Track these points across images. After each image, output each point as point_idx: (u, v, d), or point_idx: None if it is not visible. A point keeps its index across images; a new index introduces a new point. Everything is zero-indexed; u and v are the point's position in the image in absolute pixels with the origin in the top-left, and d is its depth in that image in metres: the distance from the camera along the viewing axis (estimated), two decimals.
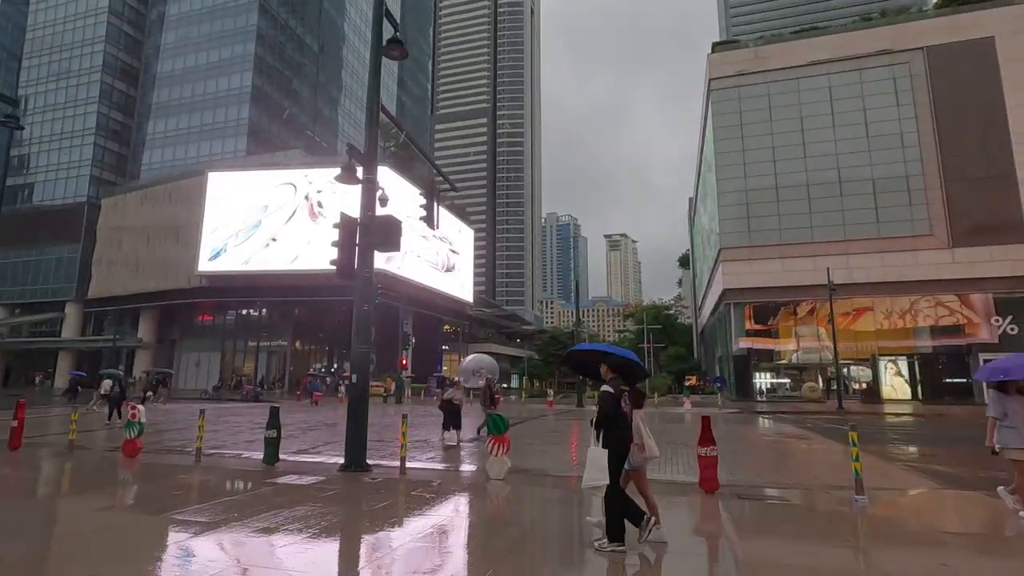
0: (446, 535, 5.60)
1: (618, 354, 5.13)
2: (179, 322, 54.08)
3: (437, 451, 12.04)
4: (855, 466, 6.95)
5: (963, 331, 32.85)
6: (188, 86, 61.89)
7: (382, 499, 7.06)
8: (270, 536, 5.25)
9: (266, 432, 9.54)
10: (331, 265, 9.38)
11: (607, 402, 4.74)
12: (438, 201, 13.76)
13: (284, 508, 6.32)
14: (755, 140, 37.63)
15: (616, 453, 4.72)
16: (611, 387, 4.81)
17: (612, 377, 4.91)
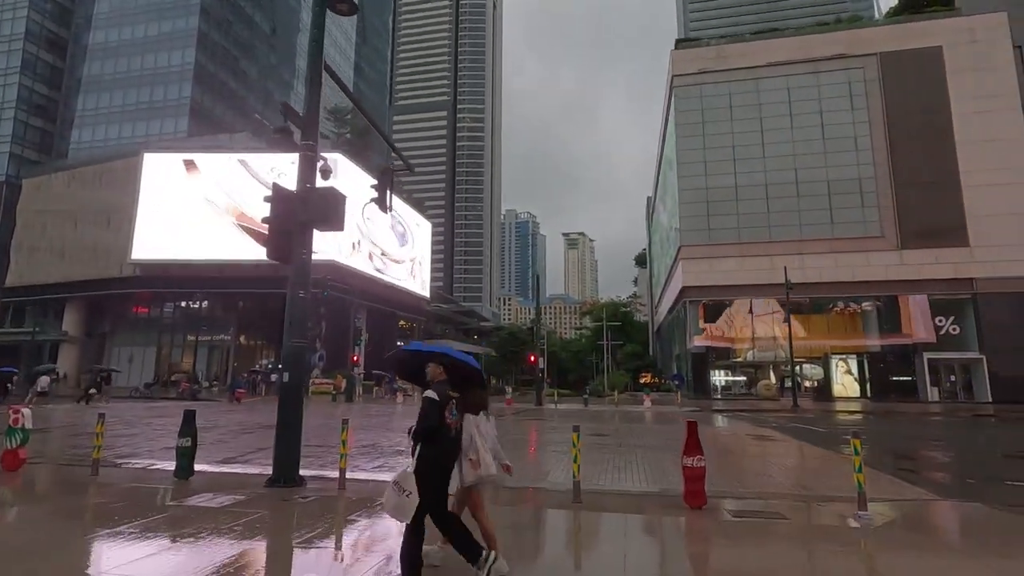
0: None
1: (451, 355, 4.33)
2: (110, 314, 50.15)
3: (388, 458, 10.78)
4: (858, 478, 6.19)
5: (908, 331, 33.83)
6: (124, 60, 57.45)
7: (310, 527, 5.80)
8: None
9: (178, 440, 8.08)
10: (261, 244, 7.99)
11: (428, 411, 3.89)
12: (392, 183, 12.51)
13: (176, 544, 5.01)
14: (716, 139, 37.72)
15: (431, 472, 3.83)
16: (435, 392, 3.98)
17: (440, 381, 4.15)
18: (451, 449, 4.05)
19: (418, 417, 3.93)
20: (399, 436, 14.30)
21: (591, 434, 14.91)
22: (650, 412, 25.93)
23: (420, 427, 3.88)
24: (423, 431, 3.87)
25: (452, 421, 4.02)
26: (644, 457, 11.01)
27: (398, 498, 3.69)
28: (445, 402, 3.97)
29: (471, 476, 4.17)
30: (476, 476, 4.17)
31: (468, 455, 4.16)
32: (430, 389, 4.03)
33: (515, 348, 78.22)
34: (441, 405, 3.93)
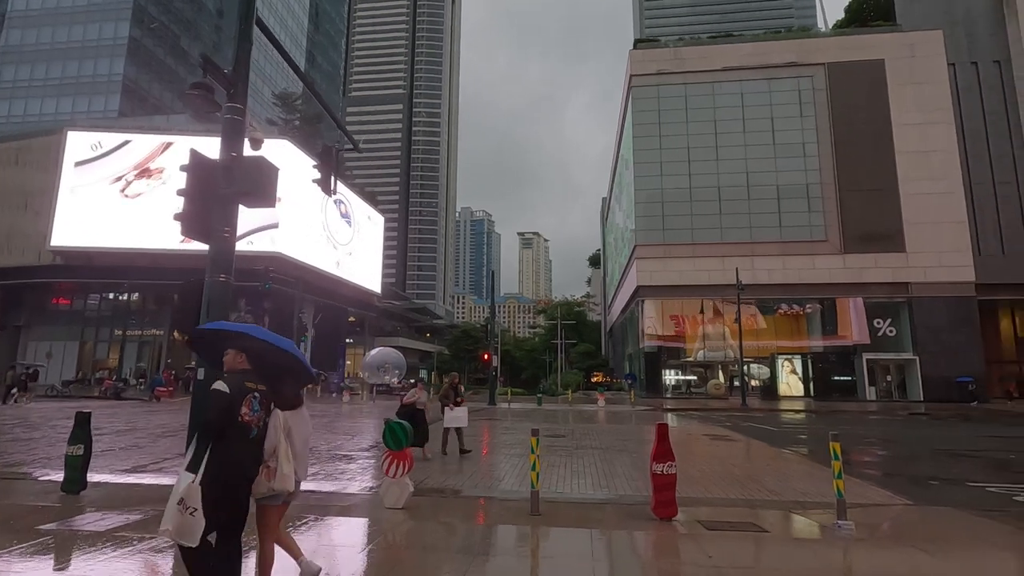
0: None
1: (261, 338, 3.44)
2: (26, 305, 45.93)
3: (325, 463, 9.75)
4: (838, 485, 5.73)
5: (848, 333, 35.06)
6: (48, 30, 52.81)
7: None
8: None
9: (68, 448, 6.84)
10: (175, 220, 6.86)
11: (215, 406, 3.09)
12: (336, 163, 11.47)
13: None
14: (672, 140, 38.01)
15: (214, 485, 2.96)
16: (227, 384, 3.16)
17: (241, 370, 3.33)
18: (246, 454, 3.17)
19: None
20: (341, 439, 13.23)
21: (547, 435, 14.28)
22: (603, 411, 25.64)
23: (203, 427, 3.07)
24: (206, 431, 3.04)
25: (252, 418, 3.18)
26: (603, 459, 10.43)
27: (181, 517, 2.83)
28: (240, 396, 3.14)
29: (262, 487, 3.33)
30: (268, 488, 3.33)
31: (267, 461, 3.34)
32: (220, 380, 3.20)
33: (468, 346, 77.27)
34: (230, 399, 3.09)
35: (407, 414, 10.17)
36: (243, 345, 3.39)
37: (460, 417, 10.91)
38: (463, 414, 11.02)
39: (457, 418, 10.86)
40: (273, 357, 3.43)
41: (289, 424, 3.52)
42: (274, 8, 75.99)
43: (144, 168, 41.58)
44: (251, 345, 3.39)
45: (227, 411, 3.06)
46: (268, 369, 3.40)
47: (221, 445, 3.04)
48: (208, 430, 3.04)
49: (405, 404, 10.47)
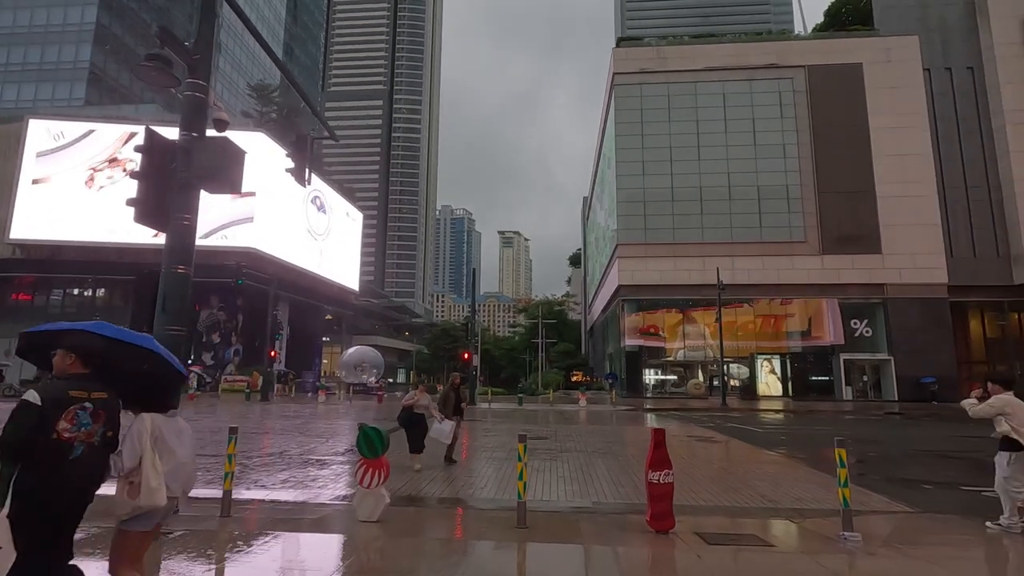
0: None
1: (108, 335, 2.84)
2: None
3: (296, 469, 9.16)
4: (843, 494, 5.40)
5: (825, 333, 35.42)
6: (9, 14, 50.57)
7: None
8: None
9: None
10: (128, 205, 6.24)
11: (17, 421, 2.51)
12: (311, 151, 10.87)
13: None
14: (654, 139, 37.93)
15: (25, 516, 2.43)
16: (41, 394, 2.57)
17: (70, 375, 2.75)
18: (64, 480, 2.56)
19: None
20: (314, 441, 12.62)
21: (529, 437, 13.84)
22: (585, 411, 25.34)
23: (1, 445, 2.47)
24: (3, 453, 2.45)
25: (74, 435, 2.59)
26: (588, 463, 10.04)
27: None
28: (58, 408, 2.56)
29: (125, 506, 2.80)
30: (133, 508, 2.79)
31: (129, 476, 2.80)
32: (33, 388, 2.61)
33: (448, 345, 76.60)
34: (44, 413, 2.52)
35: (406, 418, 9.48)
36: (73, 344, 2.78)
37: (444, 432, 9.33)
38: (448, 429, 9.37)
39: (440, 431, 9.32)
40: (122, 355, 2.84)
41: (160, 431, 2.93)
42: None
43: (111, 158, 40.01)
44: (85, 343, 2.79)
45: (36, 427, 2.48)
46: (118, 371, 2.82)
47: (31, 469, 2.47)
48: (5, 452, 2.45)
49: (404, 406, 9.60)
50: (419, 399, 9.50)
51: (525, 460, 5.67)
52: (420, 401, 9.51)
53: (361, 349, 44.97)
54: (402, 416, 9.52)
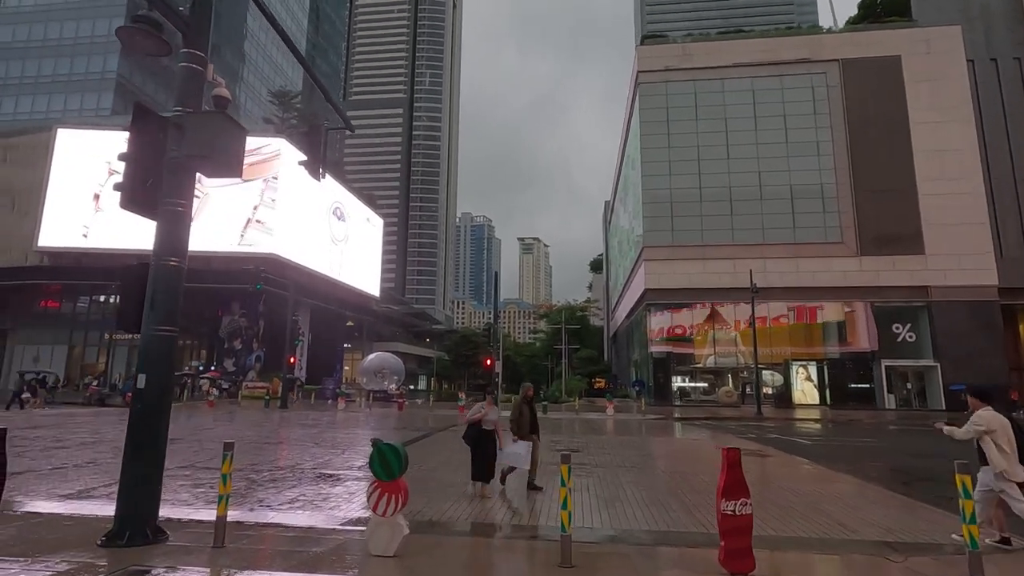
0: None
1: None
2: (12, 308, 44.49)
3: (308, 485, 8.33)
4: (969, 531, 4.34)
5: (865, 338, 33.68)
6: (40, 27, 51.70)
7: None
8: None
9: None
10: (115, 190, 5.52)
11: None
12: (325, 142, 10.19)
13: None
14: (680, 138, 36.80)
15: None
16: None
17: None
18: None
19: None
20: (329, 453, 11.81)
21: (559, 448, 12.86)
22: (612, 420, 24.21)
23: None
24: None
25: None
26: (629, 481, 9.04)
27: None
28: None
29: None
30: None
31: None
32: None
33: (468, 352, 75.78)
34: None
35: (474, 436, 7.95)
36: None
37: (520, 456, 7.79)
38: (523, 452, 7.78)
39: (514, 456, 7.80)
40: None
41: None
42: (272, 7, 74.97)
43: None
44: None
45: None
46: None
47: None
48: None
49: (470, 423, 8.02)
50: (487, 413, 7.91)
51: (570, 485, 4.73)
52: (489, 415, 7.89)
53: (381, 355, 44.46)
54: (469, 434, 8.02)
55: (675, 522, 6.51)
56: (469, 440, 8.01)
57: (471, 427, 8.00)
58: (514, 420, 8.14)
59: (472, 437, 7.98)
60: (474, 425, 7.97)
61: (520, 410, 8.19)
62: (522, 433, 8.03)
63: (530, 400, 8.46)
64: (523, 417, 8.16)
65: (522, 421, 8.13)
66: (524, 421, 8.15)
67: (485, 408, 7.99)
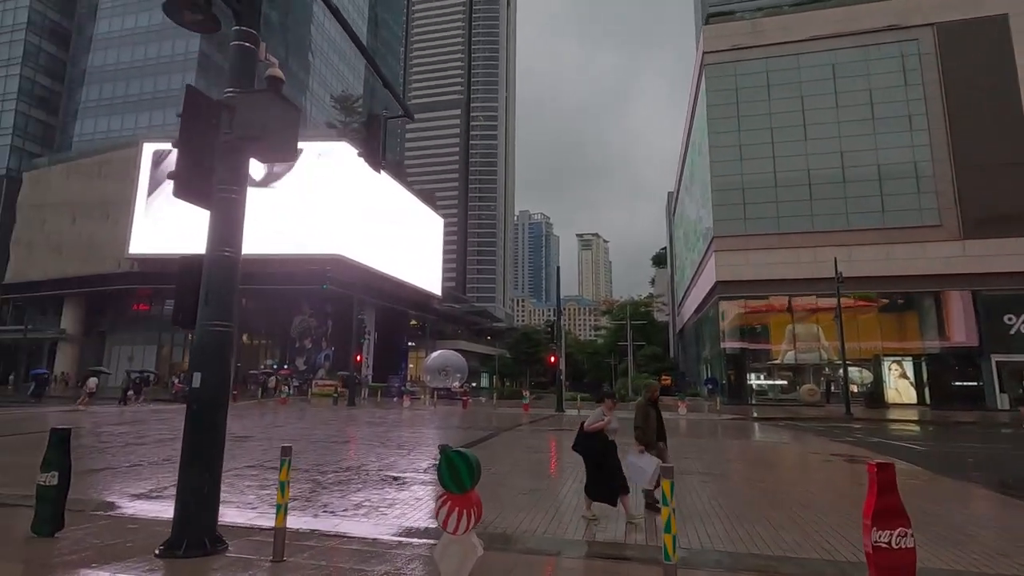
0: None
1: None
2: (109, 312, 48.20)
3: (372, 489, 7.93)
4: None
5: (971, 331, 30.32)
6: (127, 50, 55.65)
7: None
8: None
9: (40, 476, 5.30)
10: (168, 179, 5.23)
11: None
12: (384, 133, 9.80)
13: None
14: (752, 120, 34.57)
15: None
16: None
17: None
18: None
19: None
20: (395, 454, 11.47)
21: None
22: (686, 421, 22.86)
23: None
24: None
25: None
26: (723, 491, 8.06)
27: None
28: None
29: None
30: None
31: None
32: None
33: (529, 349, 75.38)
34: None
35: (597, 447, 6.33)
36: None
37: (643, 472, 6.30)
38: (653, 466, 6.18)
39: (639, 471, 6.35)
40: None
41: None
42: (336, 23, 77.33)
43: None
44: None
45: None
46: None
47: None
48: None
49: (587, 431, 6.42)
50: (610, 419, 6.37)
51: (673, 505, 3.94)
52: (611, 423, 6.38)
53: (444, 353, 44.73)
54: (584, 444, 6.48)
55: (786, 544, 5.54)
56: (589, 453, 6.39)
57: (588, 437, 6.41)
58: (640, 426, 6.75)
59: (591, 449, 6.35)
60: (589, 435, 6.38)
61: (646, 414, 6.79)
62: (648, 441, 6.66)
63: (656, 402, 7.08)
64: (649, 422, 6.76)
65: (648, 427, 6.73)
66: (651, 428, 6.76)
67: (607, 413, 6.42)
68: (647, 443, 6.61)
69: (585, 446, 6.46)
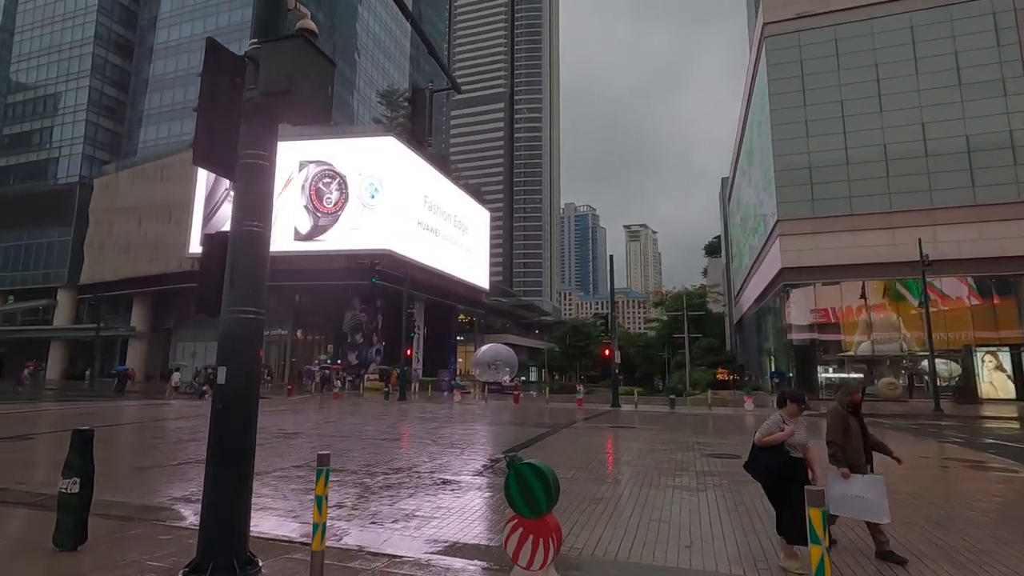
0: None
1: None
2: (174, 309, 50.21)
3: (424, 496, 7.17)
4: None
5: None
6: (184, 57, 57.68)
7: None
8: None
9: (61, 483, 4.77)
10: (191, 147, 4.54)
11: None
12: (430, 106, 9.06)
13: None
14: (818, 94, 32.09)
15: None
16: None
17: None
18: None
19: None
20: (447, 453, 10.74)
21: (711, 454, 10.80)
22: (755, 418, 21.26)
23: None
24: None
25: None
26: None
27: None
28: None
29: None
30: None
31: None
32: None
33: (579, 343, 74.02)
34: None
35: (777, 468, 4.65)
36: None
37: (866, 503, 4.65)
38: (875, 494, 4.62)
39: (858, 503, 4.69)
40: None
41: None
42: (377, 14, 78.11)
43: None
44: None
45: None
46: None
47: None
48: None
49: (762, 445, 4.78)
50: (796, 429, 4.71)
51: (827, 542, 2.90)
52: (799, 435, 4.71)
53: (494, 347, 44.17)
54: (760, 464, 4.77)
55: None
56: (767, 476, 4.71)
57: (763, 453, 4.76)
58: (835, 441, 4.93)
59: (772, 471, 4.66)
60: (770, 448, 4.70)
61: (845, 425, 4.99)
62: (852, 461, 4.87)
63: (858, 408, 5.20)
64: (851, 435, 4.96)
65: (850, 442, 4.94)
66: (853, 439, 4.96)
67: (788, 422, 4.73)
68: (851, 464, 4.84)
69: (761, 467, 4.73)
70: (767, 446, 4.73)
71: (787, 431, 4.67)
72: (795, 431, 4.68)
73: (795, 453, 4.69)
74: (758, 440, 4.82)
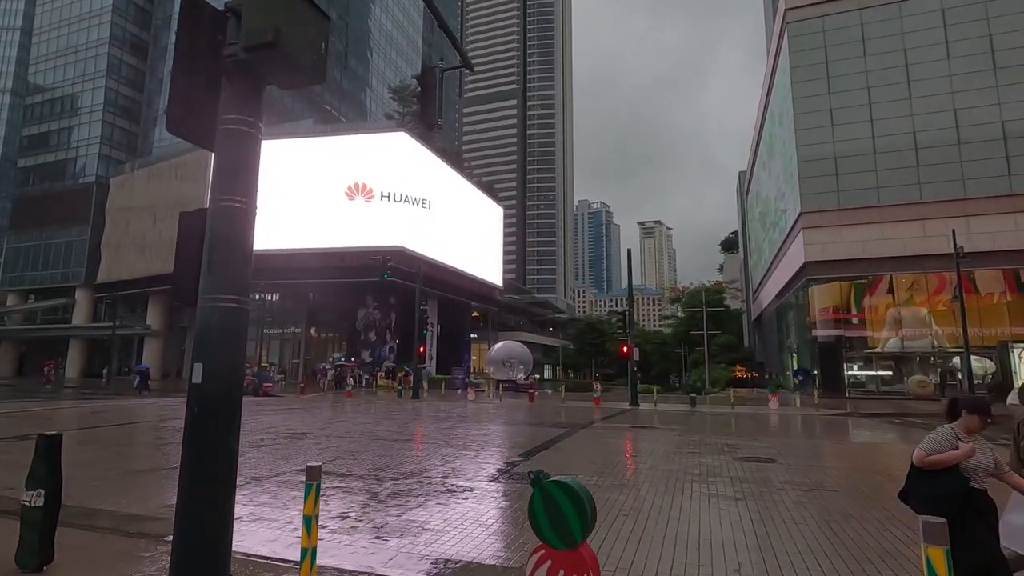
0: None
1: None
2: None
3: (434, 505, 6.56)
4: None
5: None
6: None
7: None
8: None
9: (26, 494, 4.23)
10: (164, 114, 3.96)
11: None
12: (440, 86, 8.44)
13: None
14: (844, 81, 30.92)
15: None
16: None
17: None
18: None
19: None
20: (460, 455, 10.12)
21: (743, 457, 10.06)
22: (779, 416, 20.41)
23: None
24: None
25: None
26: (890, 517, 6.12)
27: None
28: None
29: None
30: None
31: None
32: None
33: (595, 340, 73.20)
34: None
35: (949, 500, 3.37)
36: None
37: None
38: None
39: None
40: None
41: None
42: (389, 10, 77.78)
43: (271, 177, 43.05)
44: None
45: None
46: None
47: None
48: None
49: (925, 466, 3.52)
50: (971, 449, 3.47)
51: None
52: (980, 458, 3.48)
53: (508, 344, 43.59)
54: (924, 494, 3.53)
55: None
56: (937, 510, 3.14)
57: (928, 477, 3.53)
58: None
59: (943, 502, 3.36)
60: (929, 472, 3.52)
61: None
62: None
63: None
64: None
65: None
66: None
67: (965, 440, 3.52)
68: None
69: (927, 498, 3.46)
70: (932, 468, 3.51)
71: (964, 449, 3.44)
72: (975, 451, 3.46)
73: (976, 483, 3.43)
74: (918, 461, 3.57)
